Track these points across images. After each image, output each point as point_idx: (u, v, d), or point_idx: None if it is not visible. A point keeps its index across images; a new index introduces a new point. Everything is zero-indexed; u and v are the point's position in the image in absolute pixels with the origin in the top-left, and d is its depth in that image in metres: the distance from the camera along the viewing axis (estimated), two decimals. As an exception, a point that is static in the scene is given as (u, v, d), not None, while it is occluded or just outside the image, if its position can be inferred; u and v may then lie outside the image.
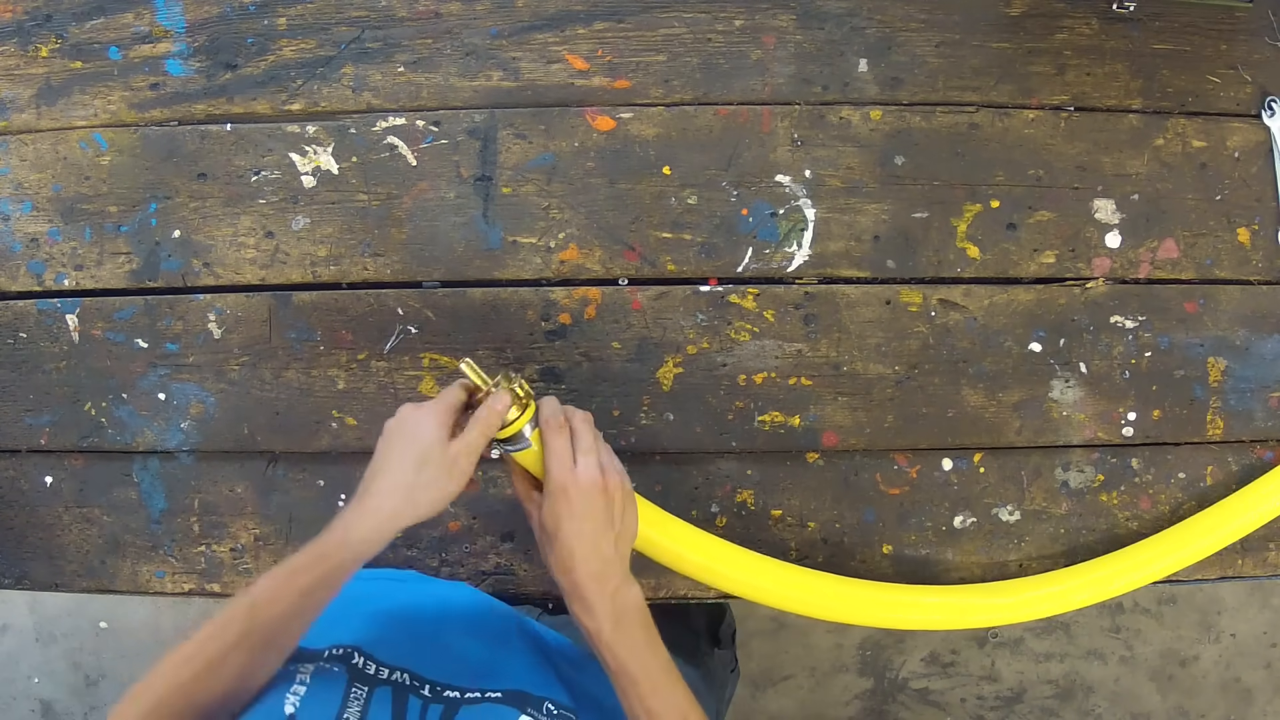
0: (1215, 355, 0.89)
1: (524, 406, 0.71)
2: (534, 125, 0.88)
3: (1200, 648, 1.85)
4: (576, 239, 0.88)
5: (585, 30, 0.88)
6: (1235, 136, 0.89)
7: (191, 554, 0.91)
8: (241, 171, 0.89)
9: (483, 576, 0.91)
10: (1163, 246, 0.89)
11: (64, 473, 0.92)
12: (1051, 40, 0.88)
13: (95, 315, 0.90)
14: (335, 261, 0.89)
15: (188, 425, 0.90)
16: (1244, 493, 0.88)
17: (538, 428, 0.71)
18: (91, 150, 0.90)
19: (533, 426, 0.71)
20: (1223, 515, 0.87)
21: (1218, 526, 0.86)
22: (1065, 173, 0.88)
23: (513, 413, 0.70)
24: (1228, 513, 0.87)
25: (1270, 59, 0.89)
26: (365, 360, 0.89)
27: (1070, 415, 0.89)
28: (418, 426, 0.68)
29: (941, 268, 0.88)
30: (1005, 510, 0.90)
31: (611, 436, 0.89)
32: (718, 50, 0.88)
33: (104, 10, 0.89)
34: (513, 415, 0.70)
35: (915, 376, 0.89)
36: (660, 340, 0.88)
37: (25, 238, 0.90)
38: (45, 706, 1.91)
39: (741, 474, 0.89)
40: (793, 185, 0.88)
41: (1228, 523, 0.87)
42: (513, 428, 0.70)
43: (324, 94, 0.89)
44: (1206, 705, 1.85)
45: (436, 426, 0.68)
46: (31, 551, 0.93)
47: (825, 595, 0.84)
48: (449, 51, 0.88)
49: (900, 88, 0.88)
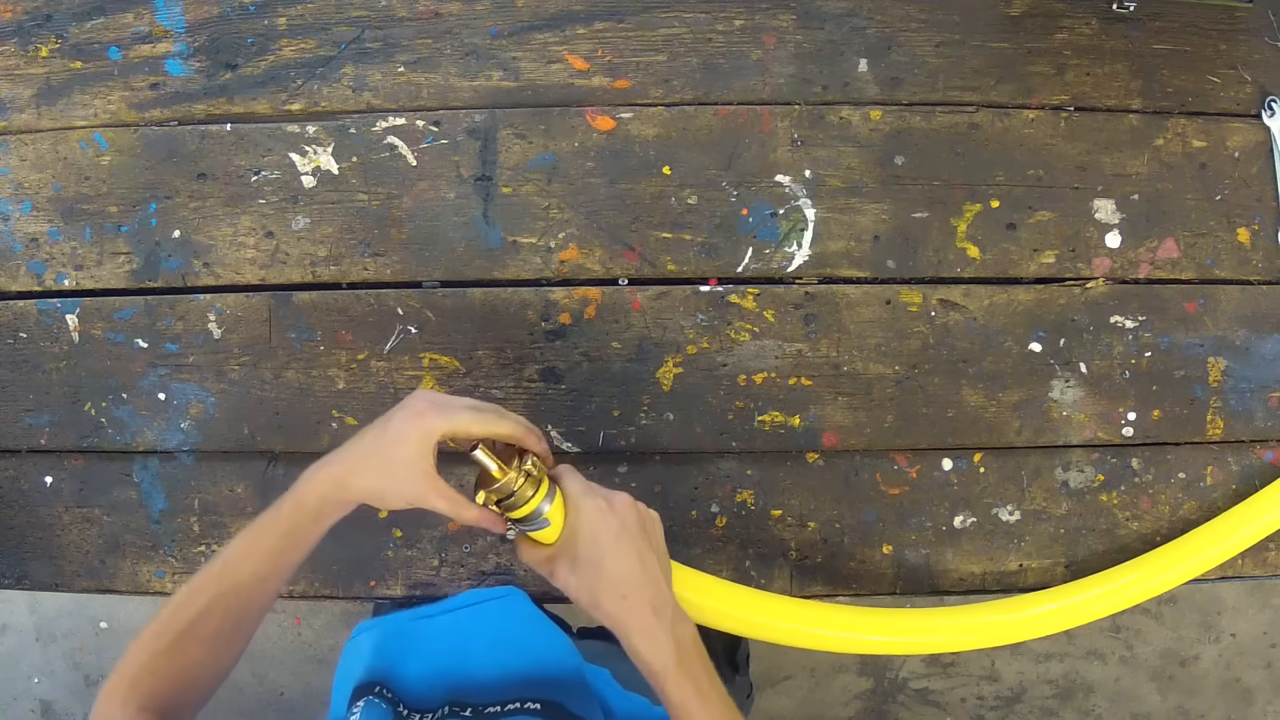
0: (1215, 355, 0.89)
1: (538, 484, 0.66)
2: (534, 125, 0.88)
3: (1200, 648, 1.85)
4: (576, 239, 0.88)
5: (585, 30, 0.88)
6: (1235, 136, 0.89)
7: (191, 554, 0.91)
8: (241, 171, 0.89)
9: (483, 576, 0.91)
10: (1163, 246, 0.89)
11: (64, 473, 0.92)
12: (1051, 40, 0.88)
13: (95, 315, 0.90)
14: (335, 261, 0.89)
15: (188, 425, 0.90)
16: (1254, 500, 0.87)
17: (553, 503, 0.66)
18: (91, 150, 0.90)
19: (549, 503, 0.66)
20: (1231, 524, 0.86)
21: (1225, 537, 0.85)
22: (1065, 173, 0.88)
23: (527, 491, 0.65)
24: (1236, 522, 0.86)
25: (1270, 59, 0.89)
26: (365, 360, 0.89)
27: (1070, 415, 0.89)
28: (426, 429, 0.64)
29: (941, 268, 0.88)
30: (1005, 510, 0.90)
31: (612, 436, 0.89)
32: (718, 50, 0.88)
33: (104, 10, 0.89)
34: (527, 493, 0.65)
35: (915, 376, 0.89)
36: (660, 340, 0.88)
37: (25, 238, 0.90)
38: (45, 706, 1.91)
39: (741, 474, 0.89)
40: (793, 185, 0.88)
41: (1235, 532, 0.85)
42: (528, 507, 0.66)
43: (324, 94, 0.89)
44: (1206, 705, 1.85)
45: (435, 442, 0.64)
46: (31, 551, 0.93)
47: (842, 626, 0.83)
48: (449, 51, 0.88)
49: (900, 88, 0.88)
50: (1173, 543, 0.88)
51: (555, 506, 0.66)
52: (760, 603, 0.82)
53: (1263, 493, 0.88)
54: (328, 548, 0.91)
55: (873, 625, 0.83)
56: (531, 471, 0.66)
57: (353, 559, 0.91)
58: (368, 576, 0.91)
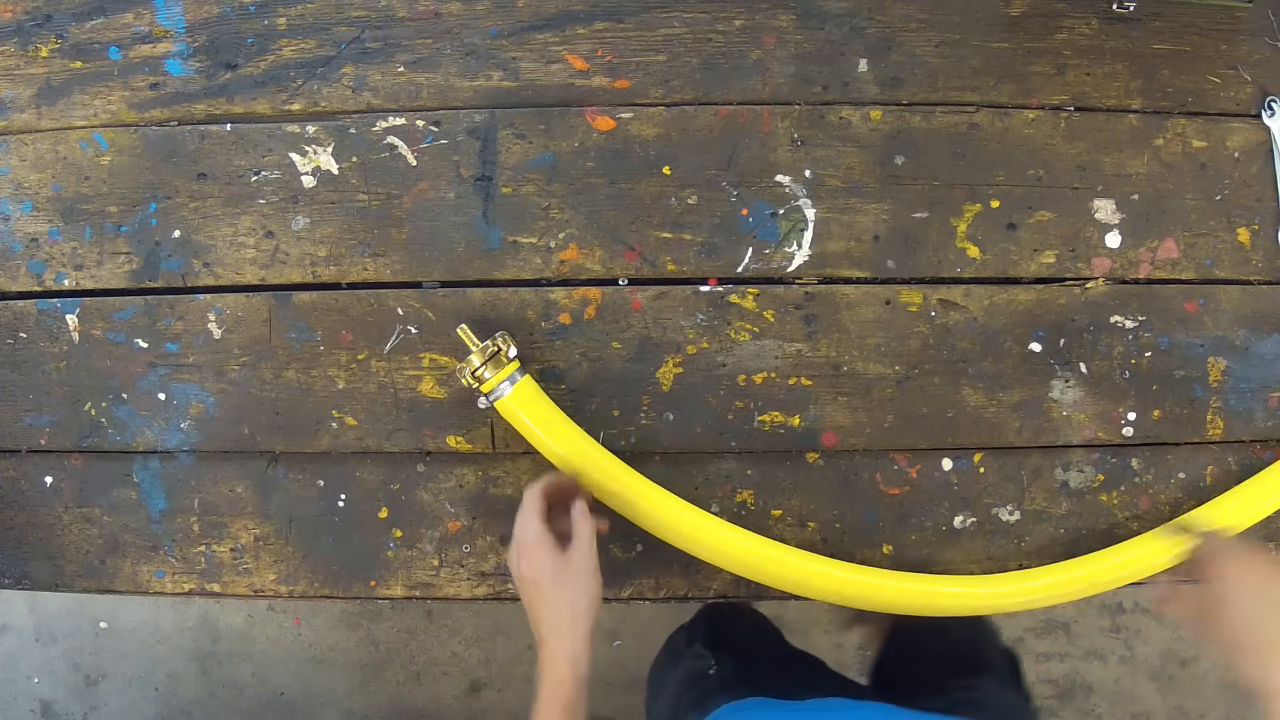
0: (1215, 355, 0.89)
1: (500, 366, 0.82)
2: (534, 125, 0.88)
3: (1200, 648, 1.84)
4: (576, 239, 0.88)
5: (585, 30, 0.88)
6: (1235, 136, 0.89)
7: (191, 554, 0.91)
8: (241, 171, 0.89)
9: (482, 577, 0.91)
10: (1163, 246, 0.89)
11: (64, 473, 0.92)
12: (1051, 40, 0.88)
13: (95, 315, 0.90)
14: (335, 261, 0.89)
15: (188, 425, 0.90)
16: (1237, 491, 0.88)
17: (515, 385, 0.82)
18: (91, 150, 0.90)
19: (510, 384, 0.82)
20: (1220, 511, 0.87)
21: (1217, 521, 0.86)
22: (1065, 173, 0.88)
23: (489, 371, 0.82)
24: (1225, 509, 0.87)
25: (1270, 59, 0.89)
26: (365, 360, 0.89)
27: (1070, 415, 0.89)
28: (537, 558, 0.74)
29: (941, 268, 0.88)
30: (1005, 510, 0.90)
31: (612, 436, 0.89)
32: (718, 50, 0.88)
33: (104, 10, 0.89)
34: (488, 374, 0.82)
35: (915, 376, 0.89)
36: (660, 340, 0.88)
37: (25, 238, 0.90)
38: (45, 706, 1.91)
39: (741, 474, 0.89)
40: (793, 185, 0.88)
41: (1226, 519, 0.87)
42: (492, 383, 0.82)
43: (324, 94, 0.89)
44: (1206, 705, 1.85)
45: (548, 547, 0.74)
46: (31, 551, 0.93)
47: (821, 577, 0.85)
48: (449, 51, 0.88)
49: (900, 88, 0.88)
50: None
51: (520, 385, 0.83)
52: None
53: (1250, 481, 0.88)
54: (328, 548, 0.91)
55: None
56: (500, 347, 0.82)
57: (353, 559, 0.91)
58: (368, 576, 0.91)
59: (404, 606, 1.83)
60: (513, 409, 0.83)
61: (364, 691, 1.86)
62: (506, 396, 0.82)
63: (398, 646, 1.84)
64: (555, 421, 0.84)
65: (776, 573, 0.85)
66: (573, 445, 0.83)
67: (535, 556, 0.74)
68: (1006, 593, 0.86)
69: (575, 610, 0.73)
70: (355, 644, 1.84)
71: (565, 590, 0.73)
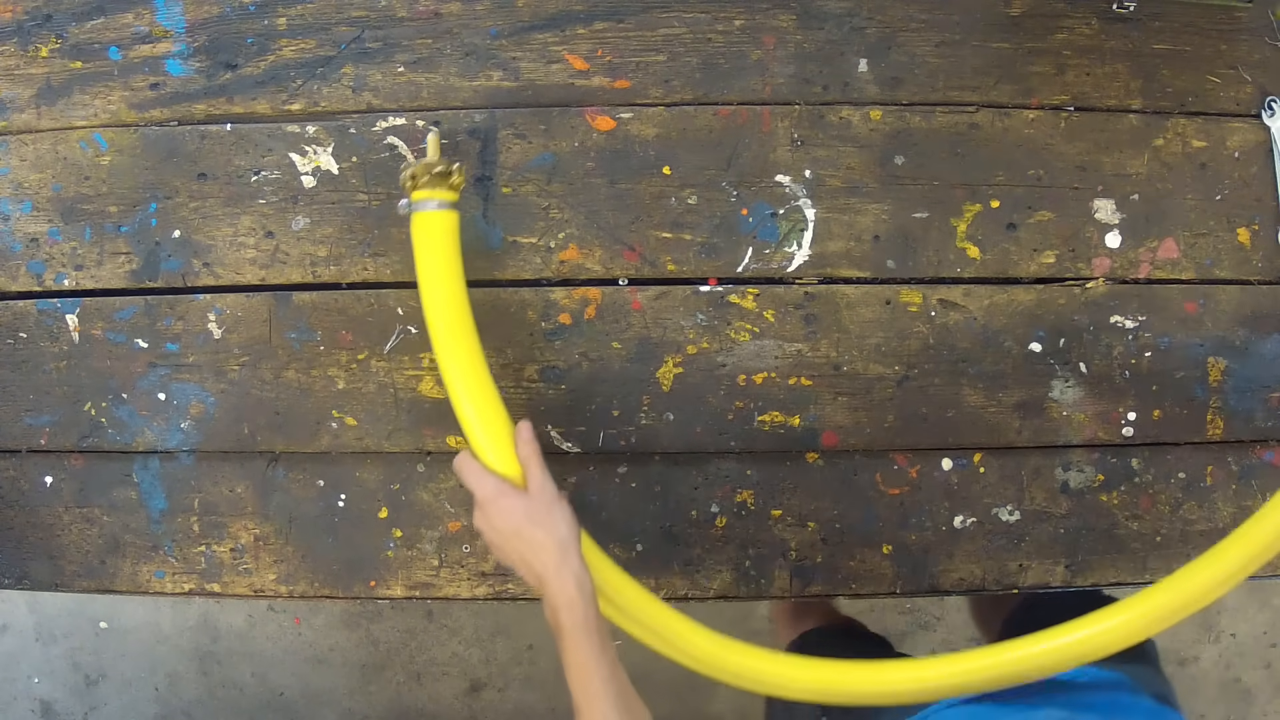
0: (1215, 355, 0.89)
1: (439, 185, 0.79)
2: (534, 125, 0.88)
3: (1200, 648, 1.84)
4: (576, 239, 0.88)
5: (585, 30, 0.88)
6: (1235, 136, 0.89)
7: (191, 554, 0.91)
8: (241, 171, 0.89)
9: (482, 577, 0.91)
10: (1163, 246, 0.89)
11: (64, 473, 0.92)
12: (1051, 40, 0.88)
13: (95, 315, 0.90)
14: (335, 261, 0.89)
15: (188, 425, 0.90)
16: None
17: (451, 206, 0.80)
18: (91, 150, 0.90)
19: (439, 206, 0.79)
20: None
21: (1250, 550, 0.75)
22: (1065, 173, 0.88)
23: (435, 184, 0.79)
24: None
25: (1270, 59, 0.89)
26: (365, 360, 0.89)
27: (1070, 415, 0.89)
28: (505, 507, 0.73)
29: (941, 268, 0.88)
30: (1005, 510, 0.90)
31: (612, 436, 0.89)
32: (718, 50, 0.88)
33: (104, 10, 0.89)
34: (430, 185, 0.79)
35: (915, 376, 0.89)
36: (660, 340, 0.88)
37: (25, 238, 0.90)
38: (45, 706, 1.91)
39: (741, 474, 0.89)
40: (793, 185, 0.88)
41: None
42: (423, 194, 0.79)
43: (324, 94, 0.89)
44: (1206, 705, 1.85)
45: (511, 493, 0.74)
46: (31, 551, 0.93)
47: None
48: (449, 51, 0.88)
49: (900, 88, 0.88)
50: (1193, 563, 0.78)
51: (443, 214, 0.79)
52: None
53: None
54: (328, 548, 0.91)
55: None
56: (450, 180, 0.80)
57: (353, 559, 0.91)
58: (368, 576, 0.91)
59: (404, 606, 1.83)
60: (423, 230, 0.79)
61: (364, 691, 1.86)
62: (426, 213, 0.79)
63: (398, 646, 1.84)
64: (446, 266, 0.80)
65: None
66: (449, 291, 0.79)
67: (502, 506, 0.73)
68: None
69: (560, 537, 0.72)
70: (355, 644, 1.84)
71: (544, 524, 0.72)
